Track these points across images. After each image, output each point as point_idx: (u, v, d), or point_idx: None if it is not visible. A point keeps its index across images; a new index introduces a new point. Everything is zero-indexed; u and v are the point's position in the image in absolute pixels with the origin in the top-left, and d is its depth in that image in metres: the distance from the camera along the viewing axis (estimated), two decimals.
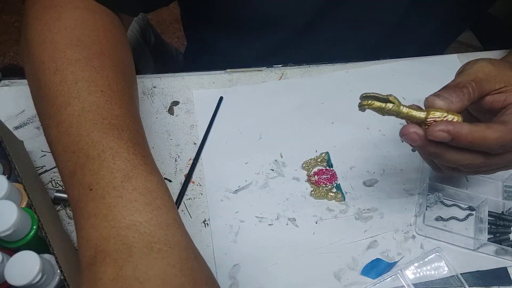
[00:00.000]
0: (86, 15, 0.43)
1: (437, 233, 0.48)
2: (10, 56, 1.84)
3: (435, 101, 0.38)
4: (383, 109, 0.37)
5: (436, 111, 0.37)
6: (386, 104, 0.37)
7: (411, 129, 0.37)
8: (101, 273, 0.29)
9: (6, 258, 0.38)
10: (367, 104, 0.37)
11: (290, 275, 0.46)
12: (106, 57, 0.41)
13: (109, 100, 0.37)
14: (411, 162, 0.54)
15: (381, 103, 0.37)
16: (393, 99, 0.37)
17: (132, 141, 0.35)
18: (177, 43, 1.62)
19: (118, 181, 0.32)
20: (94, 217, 0.31)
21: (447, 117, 0.36)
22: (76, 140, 0.35)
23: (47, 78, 0.38)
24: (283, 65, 0.64)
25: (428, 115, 0.37)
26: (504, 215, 0.50)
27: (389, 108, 0.37)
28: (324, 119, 0.58)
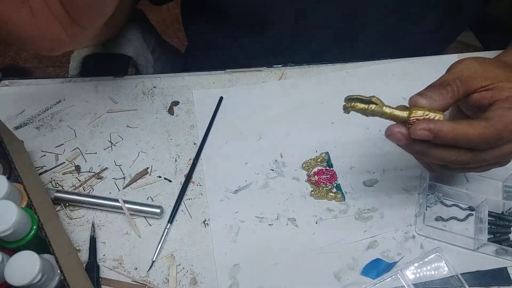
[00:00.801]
0: None
1: (437, 233, 0.48)
2: (10, 56, 1.84)
3: (418, 100, 0.39)
4: (366, 110, 0.37)
5: (418, 110, 0.37)
6: (369, 105, 0.37)
7: (395, 129, 0.38)
8: None
9: (6, 258, 0.38)
10: (350, 106, 0.38)
11: (290, 275, 0.46)
12: None
13: None
14: (411, 162, 0.54)
15: (364, 104, 0.37)
16: (375, 100, 0.37)
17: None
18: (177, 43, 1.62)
19: None
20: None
21: (429, 115, 0.37)
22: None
23: None
24: (283, 65, 0.64)
25: (411, 114, 0.37)
26: (504, 215, 0.50)
27: (372, 109, 0.37)
28: (324, 119, 0.58)
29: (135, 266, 0.47)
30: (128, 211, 0.49)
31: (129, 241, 0.48)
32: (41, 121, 0.57)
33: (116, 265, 0.47)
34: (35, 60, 1.84)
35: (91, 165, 0.54)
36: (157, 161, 0.54)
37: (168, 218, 0.49)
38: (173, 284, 0.45)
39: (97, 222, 0.49)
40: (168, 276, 0.46)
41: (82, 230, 0.49)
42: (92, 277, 0.45)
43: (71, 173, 0.53)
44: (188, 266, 0.47)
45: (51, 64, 1.82)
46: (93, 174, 0.53)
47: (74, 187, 0.52)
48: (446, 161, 0.40)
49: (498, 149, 0.39)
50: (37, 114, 0.58)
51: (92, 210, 0.50)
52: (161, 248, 0.48)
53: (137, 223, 0.49)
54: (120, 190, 0.52)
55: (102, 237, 0.48)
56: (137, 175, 0.53)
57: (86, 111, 0.58)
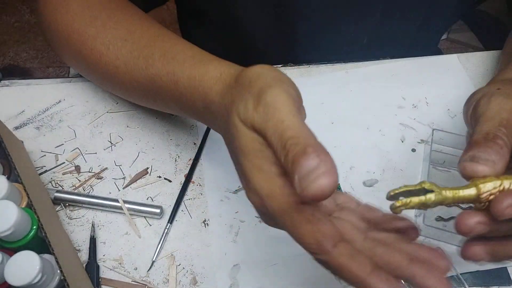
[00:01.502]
0: None
1: (437, 233, 0.48)
2: (10, 56, 1.84)
3: (476, 168, 0.30)
4: (425, 203, 0.30)
5: (485, 182, 0.30)
6: (426, 196, 0.30)
7: (472, 221, 0.29)
8: None
9: (6, 258, 0.38)
10: (403, 205, 0.30)
11: (290, 275, 0.46)
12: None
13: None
14: (411, 162, 0.54)
15: (419, 197, 0.30)
16: (429, 186, 0.30)
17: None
18: None
19: None
20: None
21: (503, 184, 0.29)
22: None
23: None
24: (283, 65, 0.64)
25: (480, 190, 0.29)
26: None
27: (432, 200, 0.29)
28: (324, 119, 0.58)
29: (135, 266, 0.47)
30: (128, 211, 0.49)
31: (129, 241, 0.48)
32: (41, 121, 0.57)
33: (116, 265, 0.47)
34: (35, 60, 1.84)
35: (91, 165, 0.54)
36: (157, 161, 0.54)
37: (168, 218, 0.49)
38: (173, 284, 0.45)
39: (97, 222, 0.49)
40: (168, 276, 0.46)
41: (82, 230, 0.49)
42: (92, 277, 0.45)
43: (71, 173, 0.53)
44: (188, 266, 0.47)
45: (51, 64, 1.82)
46: (93, 174, 0.53)
47: (74, 187, 0.52)
48: None
49: None
50: (37, 114, 0.58)
51: (92, 210, 0.50)
52: (161, 248, 0.48)
53: (137, 223, 0.49)
54: (120, 190, 0.52)
55: (102, 237, 0.48)
56: (137, 175, 0.53)
57: (86, 111, 0.58)
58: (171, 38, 0.43)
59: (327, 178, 0.24)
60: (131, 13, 0.47)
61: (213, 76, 0.37)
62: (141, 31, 0.44)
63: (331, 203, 0.34)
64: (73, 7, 0.48)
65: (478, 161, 0.30)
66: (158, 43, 0.43)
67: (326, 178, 0.24)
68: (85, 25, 0.46)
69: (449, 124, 0.57)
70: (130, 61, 0.44)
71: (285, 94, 0.29)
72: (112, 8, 0.47)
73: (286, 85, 0.31)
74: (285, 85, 0.31)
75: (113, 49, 0.45)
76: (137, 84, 0.45)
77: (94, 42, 0.46)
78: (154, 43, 0.43)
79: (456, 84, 0.62)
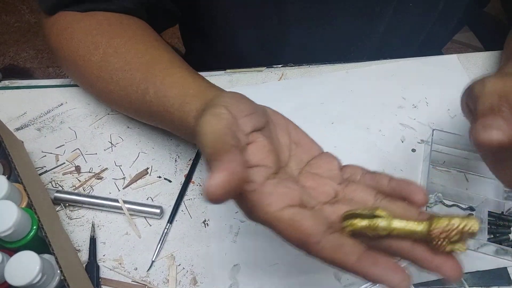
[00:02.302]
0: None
1: None
2: (10, 56, 1.84)
3: (491, 133, 0.30)
4: (370, 227, 0.28)
5: (440, 219, 0.28)
6: (373, 220, 0.28)
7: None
8: None
9: (6, 258, 0.38)
10: (350, 226, 0.29)
11: (290, 275, 0.46)
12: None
13: None
14: (411, 162, 0.54)
15: (367, 220, 0.28)
16: (380, 212, 0.28)
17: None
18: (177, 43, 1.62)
19: None
20: None
21: (455, 224, 0.27)
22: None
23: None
24: (283, 65, 0.64)
25: (431, 226, 0.28)
26: (504, 215, 0.50)
27: (377, 225, 0.28)
28: (324, 119, 0.58)
29: (135, 266, 0.47)
30: (128, 211, 0.49)
31: (129, 241, 0.48)
32: (42, 123, 0.57)
33: (116, 265, 0.47)
34: (35, 60, 1.84)
35: (91, 165, 0.54)
36: (157, 161, 0.54)
37: (168, 218, 0.49)
38: (173, 284, 0.45)
39: (97, 222, 0.49)
40: (168, 276, 0.46)
41: (82, 230, 0.49)
42: (92, 277, 0.45)
43: (71, 174, 0.53)
44: (188, 266, 0.47)
45: (51, 64, 1.82)
46: (93, 175, 0.53)
47: (74, 187, 0.52)
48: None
49: None
50: (39, 116, 0.58)
51: (92, 210, 0.50)
52: (161, 248, 0.48)
53: (137, 223, 0.49)
54: (120, 190, 0.52)
55: (102, 237, 0.48)
56: (137, 175, 0.53)
57: (87, 113, 0.58)
58: (162, 69, 0.45)
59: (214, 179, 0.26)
60: (129, 36, 0.49)
61: (196, 110, 0.40)
62: (137, 60, 0.47)
63: (337, 177, 0.35)
64: (77, 34, 0.50)
65: (491, 128, 0.30)
66: (151, 77, 0.45)
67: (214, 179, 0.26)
68: (89, 52, 0.49)
69: (449, 124, 0.57)
70: (130, 92, 0.47)
71: (211, 124, 0.31)
72: (111, 32, 0.49)
73: (215, 113, 0.32)
74: (214, 112, 0.32)
75: (116, 79, 0.47)
76: (137, 108, 0.48)
77: (99, 71, 0.48)
78: (148, 77, 0.45)
79: (456, 84, 0.62)
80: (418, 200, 0.31)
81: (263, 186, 0.29)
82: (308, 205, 0.31)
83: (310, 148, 0.37)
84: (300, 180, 0.34)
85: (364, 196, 0.33)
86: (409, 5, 0.60)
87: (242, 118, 0.31)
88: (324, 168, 0.35)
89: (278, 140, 0.35)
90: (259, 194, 0.29)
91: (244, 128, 0.31)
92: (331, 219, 0.31)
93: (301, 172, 0.35)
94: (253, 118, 0.32)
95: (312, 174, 0.34)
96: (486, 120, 0.31)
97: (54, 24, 0.52)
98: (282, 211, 0.29)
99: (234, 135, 0.30)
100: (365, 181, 0.34)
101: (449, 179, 0.53)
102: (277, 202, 0.29)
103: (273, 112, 0.37)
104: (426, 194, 0.31)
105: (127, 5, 0.52)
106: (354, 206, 0.31)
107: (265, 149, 0.31)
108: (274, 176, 0.31)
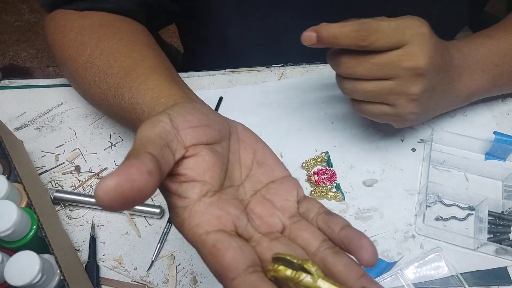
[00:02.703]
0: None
1: (437, 233, 0.48)
2: (10, 55, 1.84)
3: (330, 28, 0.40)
4: (294, 280, 0.25)
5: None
6: (297, 273, 0.25)
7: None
8: None
9: (6, 258, 0.38)
10: (273, 270, 0.26)
11: None
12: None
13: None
14: (411, 162, 0.54)
15: (293, 271, 0.26)
16: (309, 267, 0.25)
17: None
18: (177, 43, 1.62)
19: None
20: None
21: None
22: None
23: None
24: (283, 65, 0.64)
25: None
26: (504, 214, 0.50)
27: (300, 280, 0.25)
28: (324, 119, 0.58)
29: (135, 266, 0.47)
30: (128, 211, 0.49)
31: (129, 241, 0.48)
32: (41, 123, 0.57)
33: (116, 265, 0.47)
34: (35, 60, 1.84)
35: (91, 165, 0.54)
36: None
37: (168, 218, 0.49)
38: (173, 284, 0.45)
39: (97, 222, 0.49)
40: (168, 276, 0.46)
41: (82, 230, 0.49)
42: (92, 277, 0.45)
43: (71, 173, 0.53)
44: (188, 266, 0.47)
45: (51, 63, 1.82)
46: (93, 174, 0.53)
47: (74, 187, 0.52)
48: (339, 71, 0.44)
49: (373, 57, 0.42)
50: (38, 116, 0.58)
51: (92, 210, 0.50)
52: (161, 248, 0.48)
53: (137, 223, 0.49)
54: None
55: (102, 237, 0.48)
56: None
57: (87, 113, 0.58)
58: (140, 75, 0.44)
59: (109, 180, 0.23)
60: (117, 38, 0.48)
61: None
62: (119, 64, 0.46)
63: (291, 209, 0.32)
64: (69, 33, 0.50)
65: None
66: (128, 81, 0.44)
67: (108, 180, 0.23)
68: (77, 53, 0.49)
69: (449, 124, 0.57)
70: (109, 96, 0.46)
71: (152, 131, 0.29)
72: (100, 34, 0.49)
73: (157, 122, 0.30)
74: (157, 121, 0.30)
75: (98, 82, 0.47)
76: (116, 113, 0.47)
77: (84, 72, 0.48)
78: (125, 82, 0.44)
79: None
80: (365, 260, 0.28)
81: (195, 204, 0.28)
82: (243, 234, 0.28)
83: (273, 170, 0.33)
84: (250, 204, 0.31)
85: (310, 239, 0.29)
86: (402, 9, 0.60)
87: (185, 129, 0.29)
88: (281, 195, 0.32)
89: (236, 158, 0.33)
90: (190, 212, 0.27)
91: (184, 140, 0.29)
92: (263, 256, 0.28)
93: (254, 195, 0.32)
94: (201, 131, 0.30)
95: (265, 200, 0.32)
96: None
97: (51, 21, 0.53)
98: (208, 235, 0.26)
99: (165, 144, 0.27)
100: (317, 222, 0.31)
101: (449, 179, 0.53)
102: (206, 224, 0.27)
103: (243, 129, 0.35)
104: (376, 255, 0.28)
105: (125, 4, 0.52)
106: (292, 249, 0.28)
107: (205, 164, 0.29)
108: (213, 194, 0.29)
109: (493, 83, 0.53)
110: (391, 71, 0.43)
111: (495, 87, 0.54)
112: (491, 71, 0.52)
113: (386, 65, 0.42)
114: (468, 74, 0.51)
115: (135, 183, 0.24)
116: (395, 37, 0.41)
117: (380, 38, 0.41)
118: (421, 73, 0.43)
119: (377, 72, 0.43)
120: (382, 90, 0.44)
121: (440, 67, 0.45)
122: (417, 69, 0.42)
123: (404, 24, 0.42)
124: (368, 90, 0.44)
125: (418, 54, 0.42)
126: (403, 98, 0.44)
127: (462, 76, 0.50)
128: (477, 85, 0.52)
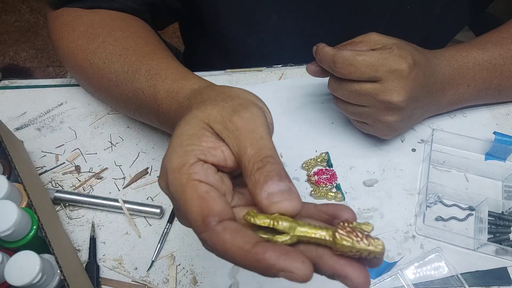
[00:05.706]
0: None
1: (437, 233, 0.48)
2: (10, 56, 1.84)
3: (348, 53, 0.44)
4: (270, 225, 0.26)
5: (343, 240, 0.26)
6: (276, 218, 0.26)
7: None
8: None
9: (6, 258, 0.38)
10: (251, 217, 0.27)
11: None
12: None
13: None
14: (411, 162, 0.54)
15: (270, 220, 0.26)
16: (285, 218, 0.26)
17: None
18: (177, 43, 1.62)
19: None
20: None
21: (361, 250, 0.26)
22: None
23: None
24: (283, 65, 0.64)
25: (335, 243, 0.27)
26: (504, 215, 0.50)
27: (278, 224, 0.26)
28: (324, 119, 0.58)
29: (135, 266, 0.47)
30: (128, 211, 0.49)
31: (129, 241, 0.48)
32: (42, 123, 0.57)
33: (116, 265, 0.47)
34: (35, 60, 1.84)
35: (91, 165, 0.54)
36: (157, 161, 0.54)
37: (168, 218, 0.49)
38: (173, 284, 0.45)
39: (97, 222, 0.49)
40: (168, 276, 0.46)
41: (82, 230, 0.49)
42: (92, 277, 0.45)
43: (71, 173, 0.53)
44: (188, 266, 0.47)
45: (51, 63, 1.82)
46: (93, 174, 0.53)
47: (74, 187, 0.52)
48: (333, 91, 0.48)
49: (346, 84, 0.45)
50: (39, 116, 0.58)
51: (92, 210, 0.50)
52: (161, 248, 0.48)
53: (137, 223, 0.49)
54: (120, 190, 0.52)
55: (102, 237, 0.48)
56: (137, 175, 0.53)
57: (87, 113, 0.58)
58: (160, 57, 0.46)
59: (292, 203, 0.27)
60: (131, 31, 0.50)
61: (190, 89, 0.40)
62: (135, 48, 0.48)
63: None
64: (79, 26, 0.51)
65: (346, 49, 0.45)
66: (146, 59, 0.46)
67: (291, 203, 0.27)
68: (88, 41, 0.50)
69: (449, 124, 0.57)
70: (120, 74, 0.47)
71: (263, 117, 0.32)
72: (113, 26, 0.50)
73: (263, 109, 0.34)
74: (262, 109, 0.34)
75: (108, 63, 0.48)
76: (125, 98, 0.48)
77: (94, 57, 0.49)
78: (143, 59, 0.46)
79: None
80: (348, 216, 0.29)
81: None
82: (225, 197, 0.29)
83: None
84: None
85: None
86: (406, 7, 0.60)
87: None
88: None
89: None
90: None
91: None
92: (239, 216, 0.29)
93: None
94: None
95: None
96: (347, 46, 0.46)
97: (58, 18, 0.53)
98: (200, 184, 0.27)
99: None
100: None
101: (449, 179, 0.53)
102: (203, 176, 0.28)
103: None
104: (354, 213, 0.29)
105: (130, 4, 0.52)
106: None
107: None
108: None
109: (477, 95, 0.54)
110: (367, 101, 0.46)
111: (479, 98, 0.56)
112: (477, 85, 0.53)
113: (362, 95, 0.46)
114: (453, 87, 0.52)
115: None
116: (368, 73, 0.44)
117: (353, 72, 0.44)
118: (395, 108, 0.46)
119: (354, 99, 0.47)
120: (359, 113, 0.48)
121: (423, 87, 0.47)
122: (391, 104, 0.45)
123: (381, 61, 0.44)
124: (348, 111, 0.49)
125: (392, 91, 0.44)
126: (380, 123, 0.48)
127: (446, 89, 0.52)
128: (461, 98, 0.54)
